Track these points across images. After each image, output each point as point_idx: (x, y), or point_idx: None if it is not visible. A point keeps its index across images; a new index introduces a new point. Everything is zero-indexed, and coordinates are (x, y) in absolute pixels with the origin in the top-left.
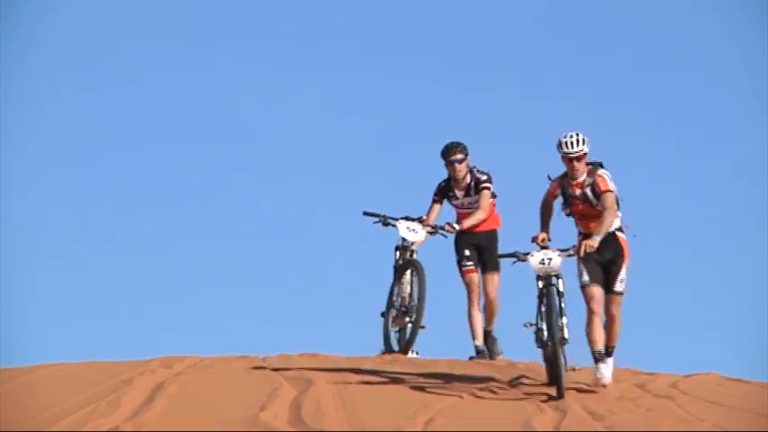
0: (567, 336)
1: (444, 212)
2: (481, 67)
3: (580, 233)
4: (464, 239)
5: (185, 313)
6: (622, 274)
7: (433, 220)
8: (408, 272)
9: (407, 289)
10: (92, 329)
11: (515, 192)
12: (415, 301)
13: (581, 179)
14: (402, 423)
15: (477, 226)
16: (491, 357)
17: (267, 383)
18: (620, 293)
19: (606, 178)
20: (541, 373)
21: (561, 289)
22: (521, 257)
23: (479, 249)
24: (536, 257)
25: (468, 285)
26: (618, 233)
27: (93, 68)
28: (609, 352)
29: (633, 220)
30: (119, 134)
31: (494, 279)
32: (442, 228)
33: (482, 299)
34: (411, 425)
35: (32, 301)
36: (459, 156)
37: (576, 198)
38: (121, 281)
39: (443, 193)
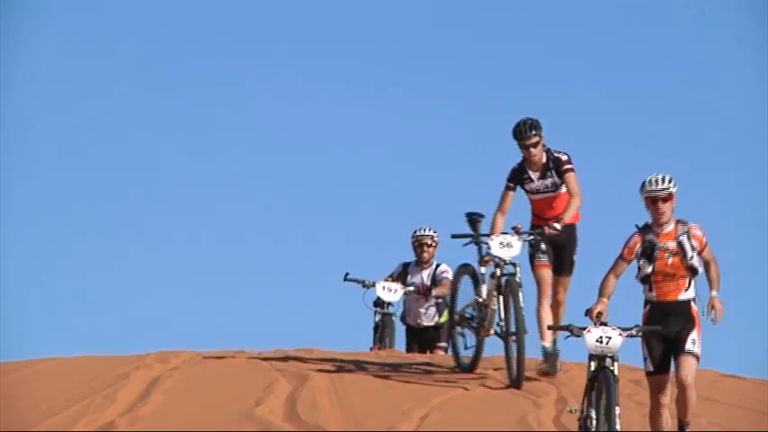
0: (619, 428)
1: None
2: (482, 67)
3: (649, 302)
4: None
5: (181, 308)
6: (694, 335)
7: (507, 209)
8: (508, 292)
9: (504, 309)
10: (87, 324)
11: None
12: (513, 322)
13: (669, 229)
14: (397, 419)
15: (559, 217)
16: (551, 373)
17: (263, 379)
18: (694, 355)
19: (703, 231)
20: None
21: (616, 373)
22: (575, 332)
23: (556, 246)
24: (593, 334)
25: (539, 282)
26: (693, 304)
27: (93, 68)
28: (681, 428)
29: (635, 220)
30: (114, 131)
31: (566, 282)
32: (541, 234)
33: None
34: (406, 420)
35: (27, 295)
36: (534, 140)
37: (664, 251)
38: (117, 275)
39: (518, 176)
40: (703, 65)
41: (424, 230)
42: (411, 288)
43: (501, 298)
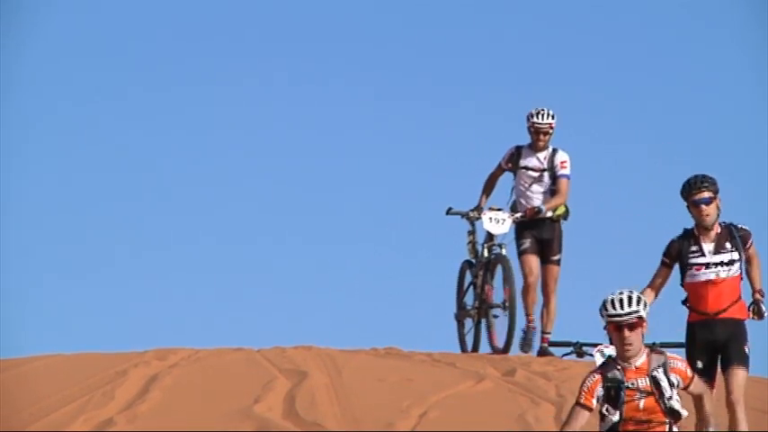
0: None
1: None
2: (482, 67)
3: None
4: (702, 331)
5: (180, 305)
6: None
7: (659, 285)
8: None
9: None
10: (86, 321)
11: None
12: None
13: (639, 362)
14: (396, 416)
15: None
16: None
17: (261, 376)
18: None
19: (686, 361)
20: (534, 364)
21: None
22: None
23: (718, 346)
24: None
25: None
26: None
27: (93, 68)
28: None
29: (634, 220)
30: (114, 131)
31: (740, 376)
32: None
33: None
34: (405, 418)
35: (27, 294)
36: (706, 194)
37: (634, 391)
38: (117, 275)
39: (682, 251)
40: (703, 65)
41: (543, 116)
42: (519, 215)
43: None
